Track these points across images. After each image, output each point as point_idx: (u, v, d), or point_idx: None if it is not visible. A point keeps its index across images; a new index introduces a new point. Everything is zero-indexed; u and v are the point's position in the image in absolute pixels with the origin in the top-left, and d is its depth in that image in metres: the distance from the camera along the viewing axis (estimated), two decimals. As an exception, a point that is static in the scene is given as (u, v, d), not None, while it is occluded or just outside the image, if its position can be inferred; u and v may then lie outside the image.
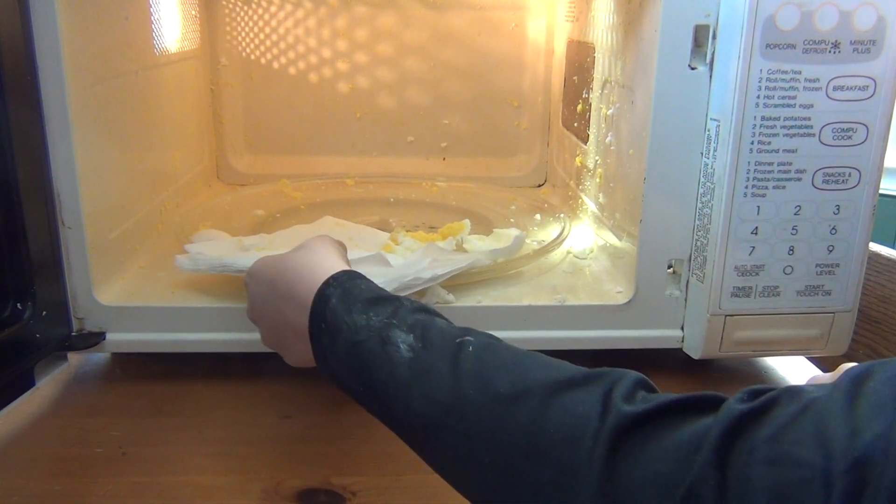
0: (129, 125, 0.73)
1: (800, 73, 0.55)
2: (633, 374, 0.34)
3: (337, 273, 0.46)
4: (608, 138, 0.74)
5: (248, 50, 1.03)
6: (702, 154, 0.59)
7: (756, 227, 0.58)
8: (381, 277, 0.58)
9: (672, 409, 0.31)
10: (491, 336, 0.40)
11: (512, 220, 0.88)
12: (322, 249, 0.50)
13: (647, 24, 0.61)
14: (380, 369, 0.40)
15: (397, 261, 0.64)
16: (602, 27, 0.78)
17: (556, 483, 0.32)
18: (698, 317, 0.62)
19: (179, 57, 0.89)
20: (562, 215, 0.84)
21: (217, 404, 0.62)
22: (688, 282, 0.63)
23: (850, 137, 0.57)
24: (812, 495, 0.25)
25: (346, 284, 0.44)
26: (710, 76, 0.57)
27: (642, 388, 0.34)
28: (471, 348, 0.38)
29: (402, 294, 0.59)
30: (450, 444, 0.36)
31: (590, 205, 0.83)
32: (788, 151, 0.57)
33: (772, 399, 0.29)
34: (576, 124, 0.90)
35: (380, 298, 0.43)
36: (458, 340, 0.39)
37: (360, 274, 0.46)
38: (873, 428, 0.25)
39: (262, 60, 1.03)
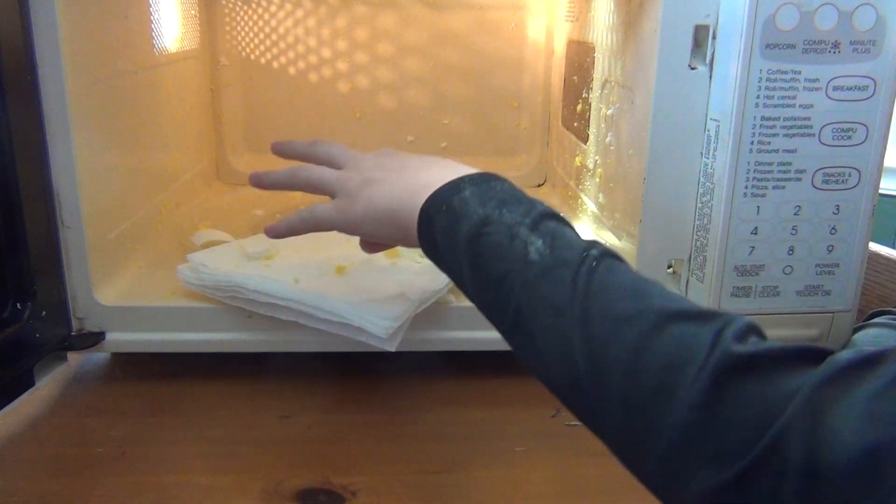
0: (129, 125, 0.72)
1: (800, 73, 0.55)
2: (748, 319, 0.34)
3: (474, 174, 0.47)
4: (608, 138, 0.74)
5: (247, 50, 1.03)
6: (702, 154, 0.59)
7: (756, 227, 0.58)
8: (405, 309, 0.58)
9: (781, 355, 0.31)
10: (614, 256, 0.40)
11: (512, 219, 0.88)
12: (445, 162, 0.52)
13: (647, 24, 0.61)
14: (502, 261, 0.40)
15: (418, 284, 0.62)
16: (602, 27, 0.78)
17: (647, 401, 0.32)
18: (698, 317, 0.62)
19: (179, 57, 0.89)
20: (561, 215, 0.84)
21: (217, 404, 0.62)
22: (688, 282, 0.63)
23: (849, 137, 0.57)
24: None
25: (482, 184, 0.45)
26: (710, 76, 0.57)
27: (755, 334, 0.33)
28: (595, 263, 0.38)
29: (422, 308, 0.60)
30: (545, 341, 0.37)
31: (590, 205, 0.83)
32: (788, 151, 0.57)
33: (879, 355, 0.28)
34: (575, 124, 0.90)
35: (514, 199, 0.44)
36: (583, 255, 0.39)
37: (495, 175, 0.47)
38: None
39: (262, 60, 1.03)
